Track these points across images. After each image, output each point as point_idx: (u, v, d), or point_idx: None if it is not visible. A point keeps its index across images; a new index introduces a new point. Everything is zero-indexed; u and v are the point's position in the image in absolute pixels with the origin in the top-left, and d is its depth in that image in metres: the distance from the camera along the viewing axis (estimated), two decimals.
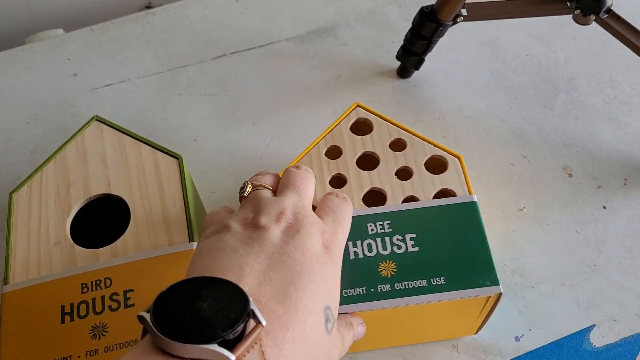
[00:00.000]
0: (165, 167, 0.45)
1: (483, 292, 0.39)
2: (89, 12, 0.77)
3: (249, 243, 0.32)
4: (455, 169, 0.45)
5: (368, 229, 0.42)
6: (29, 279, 0.40)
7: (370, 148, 0.46)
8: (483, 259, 0.40)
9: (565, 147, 0.57)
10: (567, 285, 0.50)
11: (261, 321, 0.28)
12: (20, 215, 0.43)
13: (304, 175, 0.38)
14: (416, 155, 0.45)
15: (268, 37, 0.67)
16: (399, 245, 0.41)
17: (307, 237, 0.33)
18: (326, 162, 0.45)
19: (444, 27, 0.56)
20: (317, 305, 0.31)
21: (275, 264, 0.31)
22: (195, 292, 0.27)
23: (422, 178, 0.44)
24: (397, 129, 0.47)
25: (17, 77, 0.65)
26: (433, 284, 0.39)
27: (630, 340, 0.47)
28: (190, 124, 0.61)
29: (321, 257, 0.33)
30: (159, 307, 0.27)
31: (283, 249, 0.32)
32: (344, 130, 0.47)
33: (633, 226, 0.52)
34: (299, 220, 0.34)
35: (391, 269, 0.40)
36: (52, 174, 0.45)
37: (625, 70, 0.62)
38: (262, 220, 0.33)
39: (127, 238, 0.42)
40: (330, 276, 0.34)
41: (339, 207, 0.38)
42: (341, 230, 0.37)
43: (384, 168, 0.45)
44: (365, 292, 0.39)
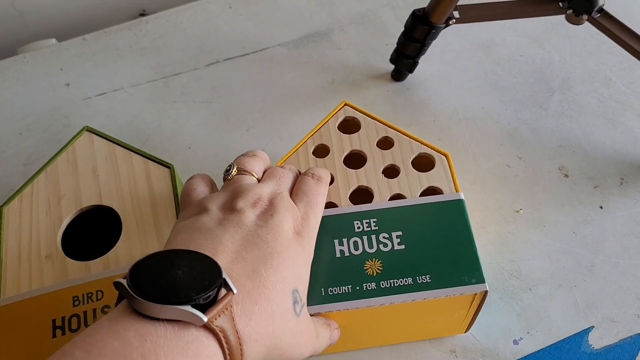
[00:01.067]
0: (156, 177, 0.45)
1: (469, 290, 0.39)
2: (83, 22, 0.77)
3: (225, 224, 0.34)
4: (443, 167, 0.45)
5: (355, 226, 0.42)
6: (20, 293, 0.40)
7: (358, 146, 0.46)
8: (469, 256, 0.40)
9: (561, 148, 0.57)
10: (565, 286, 0.49)
11: (232, 289, 0.29)
12: (11, 228, 0.43)
13: (285, 171, 0.40)
14: (403, 153, 0.45)
15: (261, 43, 0.67)
16: (385, 244, 0.41)
17: (280, 222, 0.35)
18: (313, 161, 0.45)
19: (437, 30, 0.55)
20: (285, 286, 0.33)
21: (248, 245, 0.33)
22: (170, 261, 0.29)
23: (409, 176, 0.44)
24: (384, 127, 0.47)
25: (10, 88, 0.64)
26: (419, 282, 0.39)
27: (629, 341, 0.47)
28: (185, 131, 0.60)
29: (292, 242, 0.35)
30: (136, 273, 0.28)
31: (256, 231, 0.34)
32: (331, 128, 0.47)
33: (630, 226, 0.52)
34: (274, 205, 0.36)
35: (377, 267, 0.40)
36: (42, 186, 0.44)
37: (620, 69, 0.62)
38: (239, 204, 0.35)
39: (119, 249, 0.41)
40: (301, 260, 0.35)
41: (312, 191, 0.39)
42: (313, 215, 0.38)
43: (371, 166, 0.45)
44: (351, 290, 0.39)
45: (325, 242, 0.41)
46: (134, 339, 0.26)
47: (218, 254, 0.32)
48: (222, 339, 0.28)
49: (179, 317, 0.27)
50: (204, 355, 0.27)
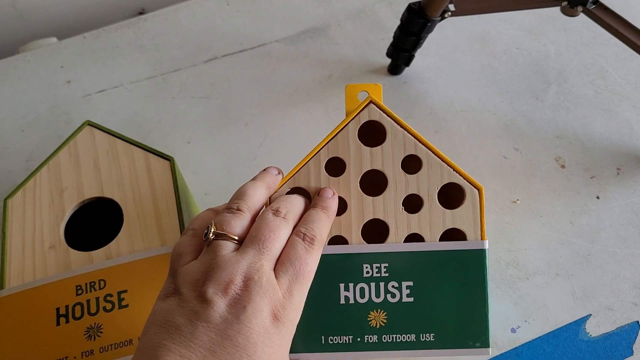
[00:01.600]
0: (157, 169, 0.45)
1: (471, 353, 0.38)
2: (82, 21, 0.77)
3: (194, 321, 0.32)
4: (472, 204, 0.40)
5: (363, 270, 0.39)
6: (24, 283, 0.40)
7: (380, 164, 0.40)
8: (479, 318, 0.38)
9: (558, 139, 0.57)
10: (562, 276, 0.50)
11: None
12: (14, 220, 0.43)
13: (274, 227, 0.36)
14: (430, 180, 0.40)
15: (259, 39, 0.67)
16: (394, 294, 0.39)
17: (254, 314, 0.32)
18: (326, 180, 0.40)
19: (432, 23, 0.56)
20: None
21: (217, 349, 0.31)
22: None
23: (432, 212, 0.39)
24: (414, 141, 0.40)
25: (11, 86, 0.65)
26: (422, 339, 0.38)
27: (627, 329, 0.47)
28: (184, 126, 0.61)
29: (268, 332, 0.32)
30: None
31: (226, 331, 0.32)
32: (351, 136, 0.40)
33: (627, 215, 0.53)
34: (248, 291, 0.33)
35: (381, 319, 0.38)
36: (45, 179, 0.45)
37: (615, 60, 0.62)
38: (209, 291, 0.32)
39: (121, 240, 0.42)
40: (276, 351, 0.33)
41: (300, 260, 0.35)
42: (298, 290, 0.35)
43: (391, 195, 0.40)
44: (351, 341, 0.38)
45: (330, 285, 0.39)
46: None
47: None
48: None
49: None
50: None
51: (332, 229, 0.39)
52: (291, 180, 0.40)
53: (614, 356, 0.46)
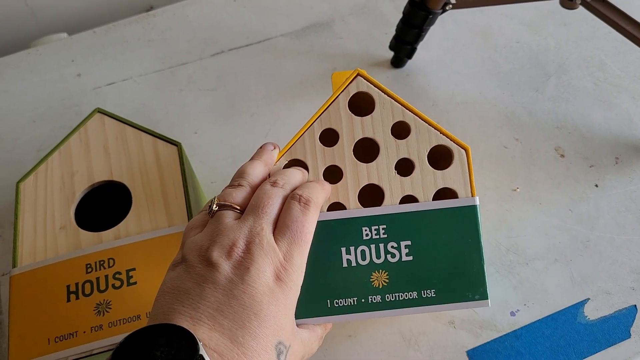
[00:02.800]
0: (165, 154, 0.46)
1: (471, 305, 0.40)
2: (92, 18, 0.79)
3: (201, 284, 0.33)
4: (461, 164, 0.42)
5: (363, 233, 0.40)
6: (35, 261, 0.42)
7: (371, 132, 0.42)
8: (476, 270, 0.40)
9: (557, 129, 0.58)
10: (561, 261, 0.51)
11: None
12: (27, 203, 0.45)
13: (271, 194, 0.37)
14: (420, 144, 0.42)
15: (264, 33, 0.69)
16: (393, 254, 0.40)
17: (257, 274, 0.34)
18: (321, 150, 0.42)
19: (434, 15, 0.57)
20: (266, 345, 0.33)
21: (225, 308, 0.33)
22: (150, 341, 0.30)
23: (424, 174, 0.41)
24: (401, 108, 0.42)
25: (24, 79, 0.67)
26: (423, 296, 0.39)
27: (624, 313, 0.48)
28: (191, 118, 0.62)
29: (272, 292, 0.34)
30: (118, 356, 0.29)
31: (232, 292, 0.33)
32: (342, 107, 0.42)
33: (625, 203, 0.53)
34: (250, 253, 0.34)
35: (383, 280, 0.40)
36: (56, 164, 0.46)
37: (614, 53, 0.63)
38: (214, 255, 0.34)
39: (129, 221, 0.43)
40: (282, 309, 0.34)
41: (297, 222, 0.36)
42: (298, 252, 0.36)
43: (383, 160, 0.42)
44: (356, 302, 0.39)
45: (332, 250, 0.40)
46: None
47: (196, 323, 0.32)
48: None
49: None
50: None
51: (330, 196, 0.41)
52: (288, 153, 0.42)
53: (611, 339, 0.47)
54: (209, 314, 0.32)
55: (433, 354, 0.47)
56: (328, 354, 0.48)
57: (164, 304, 0.33)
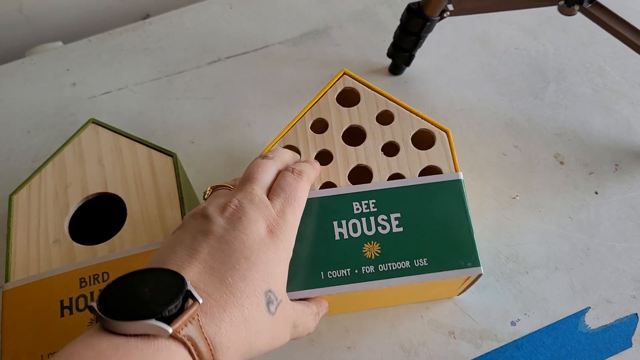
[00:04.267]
0: (160, 165, 0.46)
1: (464, 273, 0.40)
2: (88, 26, 0.79)
3: (194, 233, 0.35)
4: (443, 144, 0.44)
5: (353, 208, 0.42)
6: (29, 276, 0.41)
7: (357, 121, 0.45)
8: (466, 239, 0.41)
9: (557, 136, 0.58)
10: (562, 269, 0.50)
11: (197, 299, 0.30)
12: (20, 215, 0.44)
13: (261, 164, 0.40)
14: (403, 128, 0.45)
15: (262, 41, 0.68)
16: (384, 226, 0.41)
17: (249, 224, 0.35)
18: (312, 137, 0.45)
19: (432, 23, 0.57)
20: (255, 289, 0.33)
21: (215, 253, 0.33)
22: (138, 280, 0.30)
23: (409, 154, 0.44)
24: (384, 99, 0.46)
25: (18, 88, 0.66)
26: (416, 265, 0.40)
27: (625, 321, 0.48)
28: (187, 126, 0.62)
29: (264, 242, 0.35)
30: (105, 296, 0.30)
31: (224, 237, 0.34)
32: (330, 101, 0.46)
33: (625, 210, 0.53)
34: (243, 207, 0.36)
35: (375, 251, 0.41)
36: (50, 176, 0.46)
37: (613, 59, 0.63)
38: (208, 210, 0.36)
39: (124, 234, 0.43)
40: (273, 259, 0.35)
41: (291, 186, 0.38)
42: (290, 211, 0.37)
43: (370, 143, 0.44)
44: (350, 273, 0.40)
45: (324, 224, 0.41)
46: (107, 348, 0.28)
47: (186, 267, 0.32)
48: (190, 347, 0.29)
49: (146, 331, 0.28)
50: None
51: (321, 176, 0.43)
52: (281, 140, 0.45)
53: (612, 348, 0.47)
54: (200, 258, 0.33)
55: None
56: None
57: (158, 255, 0.34)
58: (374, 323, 0.49)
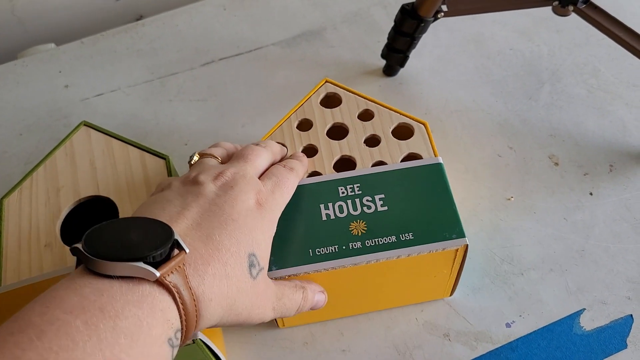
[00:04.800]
0: (152, 168, 0.46)
1: (450, 245, 0.40)
2: (81, 27, 0.78)
3: (184, 195, 0.35)
4: (422, 135, 0.46)
5: (339, 192, 0.43)
6: (20, 280, 0.41)
7: (340, 119, 0.47)
8: (449, 214, 0.42)
9: (551, 137, 0.58)
10: (556, 271, 0.50)
11: (184, 248, 0.31)
12: (11, 219, 0.44)
13: (256, 149, 0.41)
14: (383, 123, 0.47)
15: (255, 42, 0.68)
16: (369, 206, 0.42)
17: (240, 193, 0.36)
18: (297, 134, 0.47)
19: (426, 23, 0.57)
20: (239, 249, 0.34)
21: (204, 212, 0.34)
22: (126, 226, 0.30)
23: (390, 144, 0.46)
24: (365, 100, 0.48)
25: (10, 91, 0.66)
26: (402, 239, 0.41)
27: (621, 322, 0.48)
28: (181, 128, 0.62)
29: (251, 211, 0.36)
30: (91, 237, 0.29)
31: (214, 200, 0.35)
32: (314, 104, 0.48)
33: (620, 211, 0.53)
34: (236, 179, 0.37)
35: (361, 228, 0.41)
36: (41, 179, 0.45)
37: (608, 60, 0.63)
38: (200, 177, 0.37)
39: None
40: (259, 227, 0.36)
41: (282, 174, 0.40)
42: (279, 192, 0.39)
43: (353, 137, 0.46)
44: (337, 250, 0.41)
45: (311, 208, 0.43)
46: (91, 293, 0.27)
47: (174, 221, 0.33)
48: (175, 294, 0.29)
49: (133, 274, 0.28)
50: (157, 308, 0.29)
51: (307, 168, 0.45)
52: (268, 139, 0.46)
53: (608, 349, 0.46)
54: (189, 215, 0.34)
55: None
56: None
57: (145, 210, 0.34)
58: (369, 326, 0.49)
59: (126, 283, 0.28)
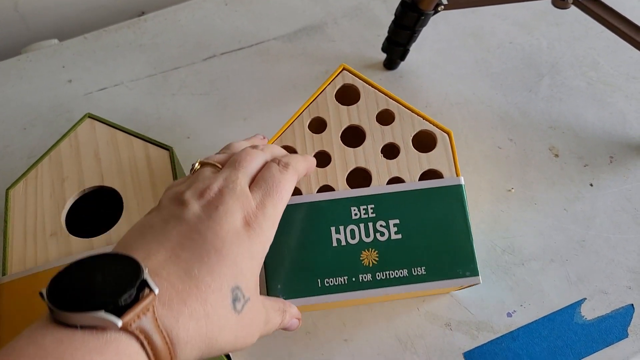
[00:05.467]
0: (156, 159, 0.46)
1: (462, 283, 0.40)
2: (84, 23, 0.79)
3: (167, 220, 0.33)
4: (444, 147, 0.43)
5: (352, 213, 0.41)
6: (26, 269, 0.41)
7: (357, 120, 0.44)
8: (465, 247, 0.40)
9: (551, 129, 0.58)
10: (557, 261, 0.51)
11: (153, 289, 0.28)
12: (16, 210, 0.44)
13: (250, 152, 0.38)
14: (404, 129, 0.44)
15: (257, 37, 0.68)
16: (382, 232, 0.41)
17: (225, 214, 0.33)
18: (310, 137, 0.43)
19: (426, 17, 0.57)
20: (221, 284, 0.31)
21: (185, 241, 0.32)
22: (91, 266, 0.28)
23: (409, 156, 0.43)
24: (385, 98, 0.45)
25: (14, 86, 0.66)
26: (414, 273, 0.40)
27: (621, 312, 0.48)
28: (183, 122, 0.62)
29: (238, 235, 0.33)
30: (56, 282, 0.28)
31: (197, 226, 0.32)
32: (329, 98, 0.45)
33: (620, 202, 0.53)
34: (222, 196, 0.34)
35: (373, 258, 0.40)
36: (47, 170, 0.46)
37: (607, 52, 0.63)
38: (186, 195, 0.34)
39: (121, 226, 0.43)
40: (245, 254, 0.33)
41: (274, 178, 0.37)
42: (271, 204, 0.36)
43: (370, 144, 0.43)
44: (347, 281, 0.40)
45: (322, 230, 0.41)
46: (51, 343, 0.26)
47: (152, 253, 0.31)
48: (143, 341, 0.28)
49: (94, 323, 0.27)
50: (124, 354, 0.27)
51: (319, 179, 0.43)
52: (278, 140, 0.44)
53: (609, 339, 0.47)
54: (168, 246, 0.32)
55: (430, 357, 0.47)
56: (324, 359, 0.47)
57: (128, 239, 0.33)
58: (371, 316, 0.49)
59: (89, 330, 0.27)
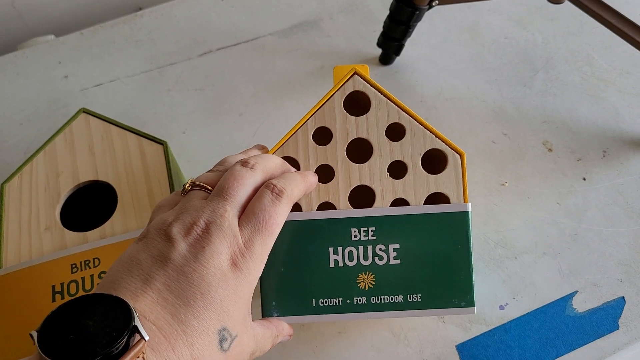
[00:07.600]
0: (150, 153, 0.46)
1: (457, 312, 0.40)
2: (80, 18, 0.79)
3: (155, 257, 0.33)
4: (455, 169, 0.41)
5: (352, 234, 0.40)
6: (20, 262, 0.42)
7: (365, 132, 0.41)
8: (463, 277, 0.40)
9: (545, 124, 0.58)
10: (549, 254, 0.51)
11: (144, 336, 0.28)
12: (11, 204, 0.44)
13: (239, 176, 0.36)
14: (414, 147, 0.41)
15: (252, 32, 0.69)
16: (381, 257, 0.40)
17: (212, 255, 0.33)
18: (314, 149, 0.41)
19: (421, 11, 0.57)
20: (208, 328, 0.32)
21: (172, 284, 0.32)
22: (83, 310, 0.28)
23: (417, 178, 0.41)
24: (397, 110, 0.41)
25: (10, 82, 0.67)
26: (409, 300, 0.40)
27: (613, 304, 0.48)
28: (179, 118, 0.62)
29: (224, 276, 0.33)
30: (47, 327, 0.28)
31: (183, 268, 0.32)
32: (337, 106, 0.41)
33: (612, 196, 0.54)
34: (209, 234, 0.34)
35: (369, 281, 0.40)
36: (41, 164, 0.46)
37: (601, 48, 0.63)
38: (173, 230, 0.34)
39: (115, 220, 0.43)
40: (232, 295, 0.33)
41: (265, 211, 0.35)
42: (260, 241, 0.35)
43: (376, 162, 0.41)
44: (341, 303, 0.39)
45: (320, 250, 0.40)
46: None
47: (139, 294, 0.31)
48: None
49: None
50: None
51: (320, 195, 0.41)
52: (280, 150, 0.41)
53: (600, 331, 0.47)
54: (155, 287, 0.32)
55: (423, 349, 0.47)
56: (318, 351, 0.48)
57: (114, 273, 0.33)
58: None
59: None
